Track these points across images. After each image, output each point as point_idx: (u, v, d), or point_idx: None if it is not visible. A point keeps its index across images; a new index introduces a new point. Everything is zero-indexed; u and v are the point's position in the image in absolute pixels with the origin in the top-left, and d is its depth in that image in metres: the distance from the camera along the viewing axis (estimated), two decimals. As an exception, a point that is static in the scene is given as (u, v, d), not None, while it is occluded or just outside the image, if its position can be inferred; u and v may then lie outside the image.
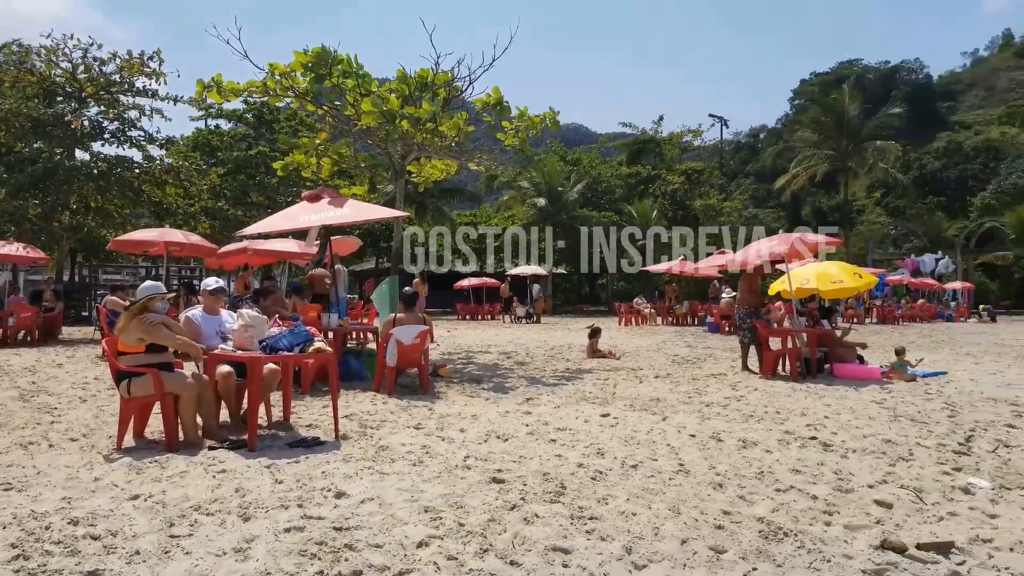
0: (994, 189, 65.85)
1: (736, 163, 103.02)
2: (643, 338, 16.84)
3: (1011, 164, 69.32)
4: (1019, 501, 5.22)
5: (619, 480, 4.91)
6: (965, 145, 79.22)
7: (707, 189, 46.62)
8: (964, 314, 33.31)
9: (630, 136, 53.73)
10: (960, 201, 70.93)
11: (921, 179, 73.52)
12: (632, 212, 39.42)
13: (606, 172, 47.13)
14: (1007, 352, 15.43)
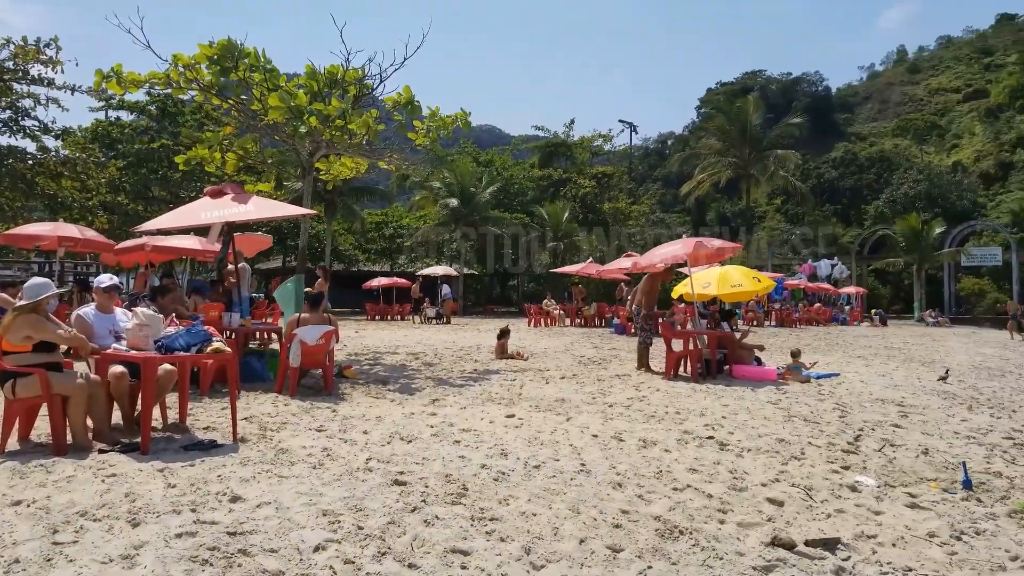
0: (887, 198, 69.80)
1: (645, 168, 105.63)
2: (551, 339, 17.04)
3: (902, 175, 73.70)
4: (903, 498, 5.54)
5: (521, 481, 4.96)
6: (860, 156, 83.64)
7: (616, 193, 47.57)
8: (857, 318, 35.16)
9: (543, 139, 54.33)
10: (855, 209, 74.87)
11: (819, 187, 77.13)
12: (543, 214, 39.84)
13: (518, 174, 47.47)
14: (896, 355, 16.37)
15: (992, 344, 22.33)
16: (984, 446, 7.76)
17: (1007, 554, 4.65)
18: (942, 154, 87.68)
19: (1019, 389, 12.79)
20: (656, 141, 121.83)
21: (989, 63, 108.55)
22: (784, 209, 78.35)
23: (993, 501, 5.80)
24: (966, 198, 69.62)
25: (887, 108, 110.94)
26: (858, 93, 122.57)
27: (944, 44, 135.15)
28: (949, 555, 4.48)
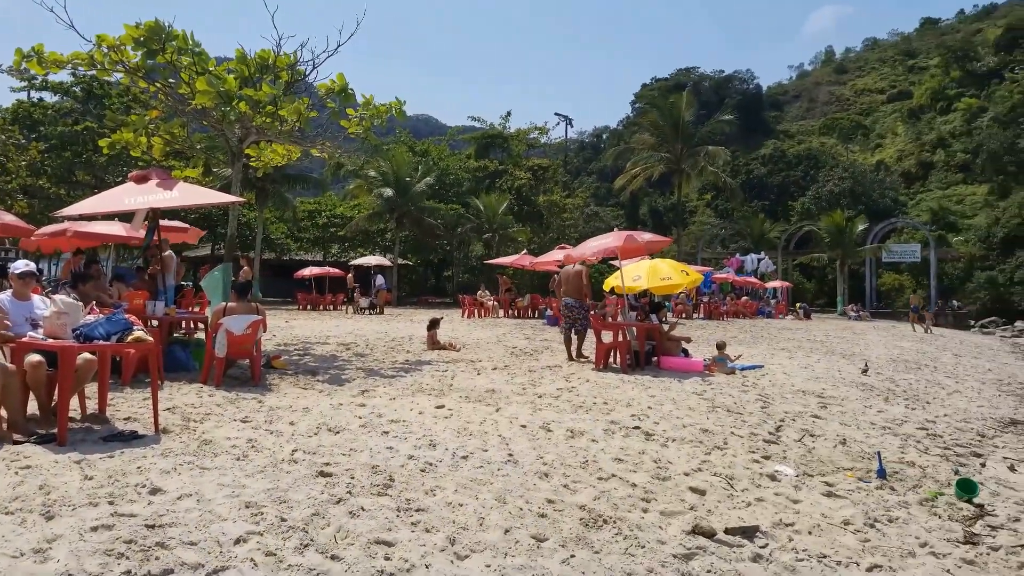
0: (812, 195, 72.24)
1: (580, 161, 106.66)
2: (485, 330, 17.07)
3: (828, 172, 76.30)
4: (819, 487, 5.75)
5: (448, 471, 4.96)
6: (789, 153, 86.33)
7: (552, 186, 47.85)
8: (782, 311, 36.27)
9: (479, 130, 54.20)
10: (782, 205, 77.28)
11: (748, 183, 79.33)
12: (479, 205, 39.79)
13: (454, 165, 47.27)
14: (818, 347, 16.95)
15: (910, 338, 23.38)
16: (899, 436, 8.11)
17: (916, 540, 4.88)
18: (866, 153, 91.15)
19: (934, 381, 13.44)
20: (592, 135, 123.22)
21: (912, 65, 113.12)
22: (714, 204, 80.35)
23: (906, 490, 6.07)
24: (888, 196, 72.64)
25: (815, 107, 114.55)
26: (787, 92, 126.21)
27: (870, 46, 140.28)
28: (862, 542, 4.68)
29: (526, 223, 42.59)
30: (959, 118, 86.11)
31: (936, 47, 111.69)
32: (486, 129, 53.32)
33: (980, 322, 49.23)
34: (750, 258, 44.79)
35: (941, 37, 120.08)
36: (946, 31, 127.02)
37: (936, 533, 5.10)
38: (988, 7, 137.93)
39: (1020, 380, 16.10)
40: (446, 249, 45.20)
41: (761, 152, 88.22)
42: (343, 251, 42.69)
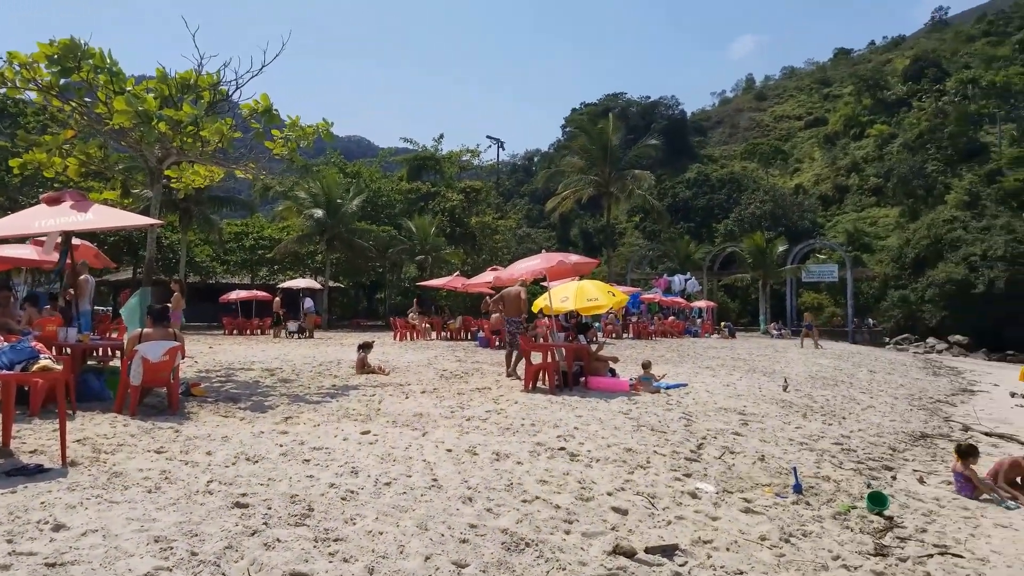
0: (735, 217, 74.53)
1: (512, 184, 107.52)
2: (416, 353, 16.93)
3: (750, 196, 78.92)
4: (738, 503, 5.88)
5: (370, 499, 4.88)
6: (712, 177, 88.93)
7: (484, 208, 48.07)
8: (708, 330, 37.09)
9: (411, 152, 54.16)
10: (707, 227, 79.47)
11: (674, 206, 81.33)
12: (412, 227, 39.64)
13: (386, 186, 47.04)
14: (741, 366, 17.36)
15: (827, 355, 24.18)
16: (815, 452, 8.38)
17: (830, 554, 5.04)
18: (786, 177, 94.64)
19: (849, 397, 13.94)
20: (523, 158, 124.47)
21: (827, 93, 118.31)
22: (642, 226, 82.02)
23: (820, 504, 6.27)
24: (807, 218, 75.51)
25: (737, 132, 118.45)
26: (711, 117, 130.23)
27: (788, 74, 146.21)
28: (777, 557, 4.80)
29: (459, 245, 42.62)
30: (871, 144, 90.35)
31: (849, 76, 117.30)
32: (418, 151, 53.33)
33: (894, 339, 51.45)
34: (677, 279, 45.77)
35: (854, 67, 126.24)
36: (858, 61, 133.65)
37: (848, 546, 5.28)
38: (897, 39, 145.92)
39: (930, 395, 16.88)
40: (378, 271, 44.78)
41: (686, 176, 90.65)
42: (271, 274, 41.81)
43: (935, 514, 6.55)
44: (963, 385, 20.76)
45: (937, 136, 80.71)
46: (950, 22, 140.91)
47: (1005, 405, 16.50)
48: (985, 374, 25.81)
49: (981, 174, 71.29)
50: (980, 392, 19.09)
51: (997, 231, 58.50)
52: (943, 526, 6.17)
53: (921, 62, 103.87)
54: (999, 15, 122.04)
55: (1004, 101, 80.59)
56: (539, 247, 59.73)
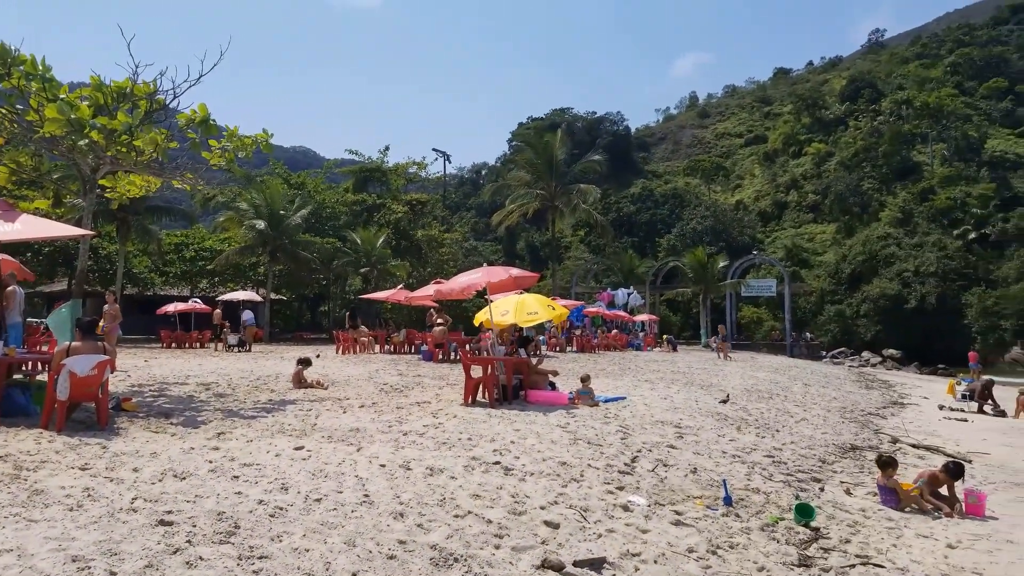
0: (678, 232, 75.98)
1: (459, 197, 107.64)
2: (357, 366, 16.76)
3: (692, 211, 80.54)
4: (669, 516, 5.97)
5: (299, 516, 4.83)
6: (656, 192, 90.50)
7: (430, 220, 47.95)
8: (650, 344, 37.58)
9: (357, 164, 53.70)
10: (650, 242, 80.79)
11: (619, 221, 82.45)
12: (357, 239, 39.27)
13: (331, 198, 46.54)
14: (679, 379, 17.63)
15: (765, 368, 24.75)
16: (747, 464, 8.57)
17: (755, 565, 5.15)
18: (727, 193, 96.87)
19: (783, 410, 14.29)
20: (471, 171, 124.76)
21: (768, 112, 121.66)
22: (587, 240, 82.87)
23: (749, 516, 6.41)
24: (747, 234, 77.37)
25: (680, 149, 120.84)
26: (655, 134, 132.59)
27: (729, 93, 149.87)
28: (704, 569, 4.90)
29: (404, 257, 42.37)
30: (809, 162, 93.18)
31: (788, 95, 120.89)
32: (364, 163, 52.88)
33: (831, 353, 52.96)
34: (620, 292, 46.31)
35: (793, 86, 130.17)
36: (797, 81, 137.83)
37: (773, 557, 5.41)
38: (834, 60, 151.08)
39: (862, 408, 17.42)
40: (322, 283, 44.21)
41: (630, 191, 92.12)
42: (212, 286, 40.90)
43: (860, 525, 6.76)
44: (894, 398, 21.47)
45: (872, 155, 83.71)
46: (886, 44, 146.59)
47: (933, 418, 17.13)
48: (916, 387, 26.74)
49: (914, 192, 74.15)
50: (910, 405, 19.77)
51: (929, 248, 60.87)
52: (867, 536, 6.37)
53: (857, 83, 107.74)
54: (932, 38, 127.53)
55: (936, 122, 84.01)
56: (486, 260, 59.88)
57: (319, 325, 47.85)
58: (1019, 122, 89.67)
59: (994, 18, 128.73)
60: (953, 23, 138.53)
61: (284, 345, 29.74)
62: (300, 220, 36.24)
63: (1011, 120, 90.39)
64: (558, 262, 59.53)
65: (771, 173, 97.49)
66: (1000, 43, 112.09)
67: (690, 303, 58.74)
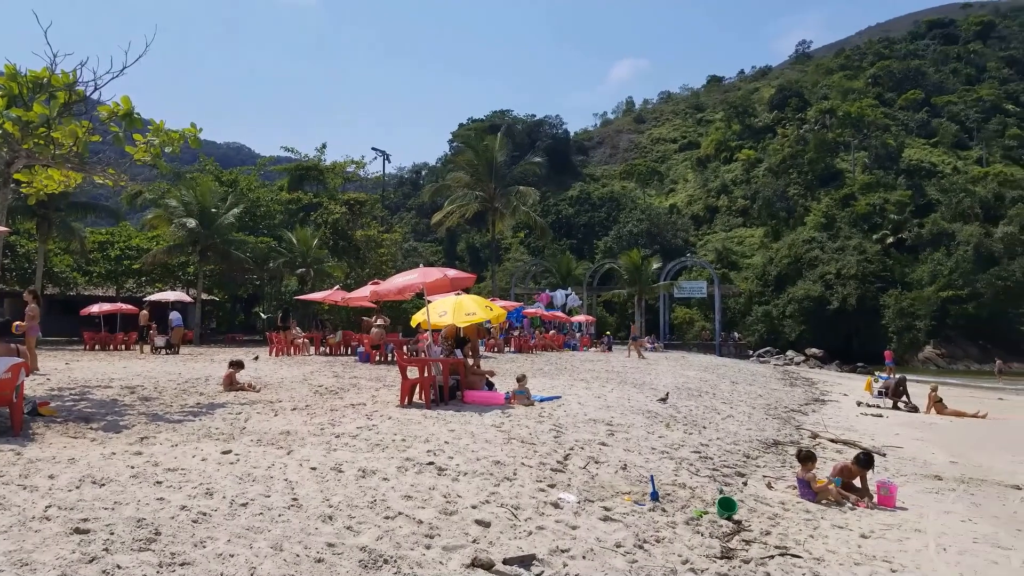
0: (614, 235, 77.11)
1: (399, 197, 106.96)
2: (291, 368, 16.48)
3: (628, 214, 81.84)
4: (598, 512, 6.05)
5: (223, 521, 4.74)
6: (593, 195, 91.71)
7: (369, 220, 47.44)
8: (587, 344, 38.03)
9: (293, 161, 52.68)
10: (588, 244, 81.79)
11: (557, 223, 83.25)
12: (292, 239, 38.56)
13: (266, 196, 45.55)
14: (613, 378, 17.90)
15: (695, 367, 25.32)
16: (675, 460, 8.75)
17: (679, 558, 5.28)
18: (661, 197, 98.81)
19: (711, 407, 14.65)
20: (411, 171, 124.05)
21: (701, 118, 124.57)
22: (527, 242, 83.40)
23: (675, 510, 6.56)
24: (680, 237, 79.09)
25: (617, 153, 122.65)
26: (593, 138, 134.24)
27: (665, 99, 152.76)
28: (630, 563, 4.99)
29: (342, 258, 41.78)
30: (739, 168, 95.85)
31: (721, 102, 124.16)
32: (301, 160, 51.89)
33: (757, 352, 54.52)
34: (559, 293, 46.74)
35: (725, 94, 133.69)
36: (729, 88, 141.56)
37: (697, 550, 5.54)
38: (764, 69, 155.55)
39: (785, 404, 17.98)
40: (256, 284, 43.25)
41: (569, 194, 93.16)
42: (139, 286, 39.55)
43: (780, 517, 6.97)
44: (816, 395, 22.23)
45: (798, 162, 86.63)
46: (812, 55, 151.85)
47: (851, 413, 17.80)
48: (836, 385, 27.74)
49: (836, 198, 77.05)
50: (830, 402, 20.50)
51: (850, 252, 63.28)
52: (786, 528, 6.58)
53: (785, 92, 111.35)
54: (855, 50, 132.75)
55: (857, 131, 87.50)
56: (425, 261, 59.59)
57: (252, 327, 46.79)
58: (934, 133, 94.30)
59: (912, 33, 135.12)
60: (875, 36, 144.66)
61: (215, 347, 28.99)
62: (233, 219, 35.37)
63: (926, 131, 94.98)
64: (498, 263, 59.67)
65: (703, 178, 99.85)
66: (917, 56, 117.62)
67: (626, 304, 59.64)
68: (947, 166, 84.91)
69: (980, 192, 70.52)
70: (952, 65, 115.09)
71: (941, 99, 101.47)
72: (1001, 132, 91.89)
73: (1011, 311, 55.60)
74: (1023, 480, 9.85)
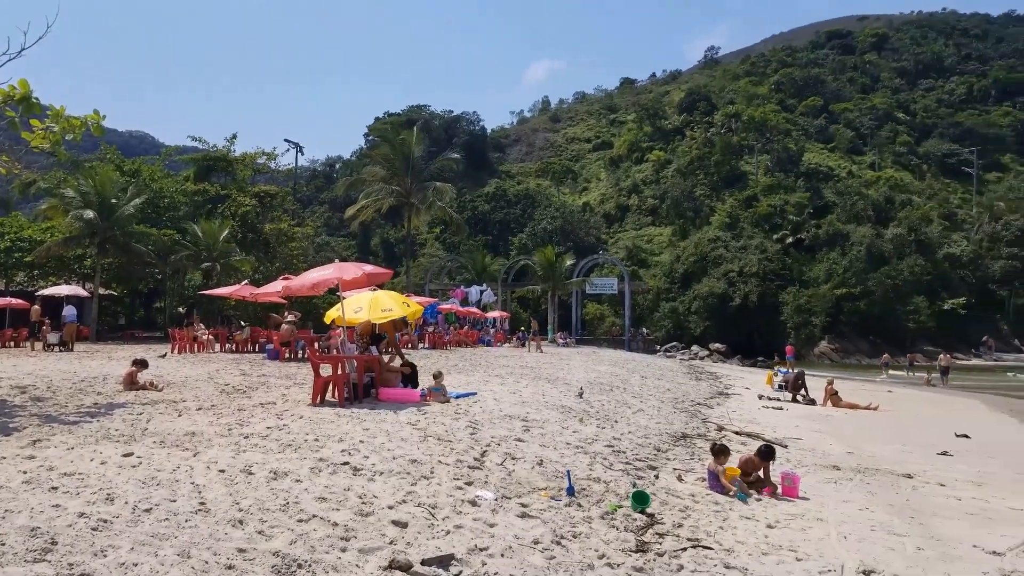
0: (529, 232, 77.67)
1: (312, 190, 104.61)
2: (195, 367, 15.89)
3: (542, 211, 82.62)
4: (516, 509, 6.07)
5: (126, 528, 4.54)
6: (509, 192, 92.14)
7: (279, 214, 46.17)
8: (501, 340, 38.19)
9: (200, 151, 50.68)
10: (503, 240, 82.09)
11: (473, 219, 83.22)
12: (198, 232, 37.11)
13: (170, 187, 43.67)
14: (528, 373, 18.03)
15: (606, 362, 25.81)
16: (589, 454, 8.89)
17: (596, 553, 5.35)
18: (575, 195, 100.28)
19: (622, 402, 14.97)
20: (324, 164, 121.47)
21: (614, 119, 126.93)
22: (443, 238, 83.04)
23: (591, 505, 6.65)
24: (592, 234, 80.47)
25: (532, 151, 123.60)
26: (509, 135, 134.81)
27: (580, 99, 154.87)
28: (548, 559, 5.02)
29: (251, 252, 40.53)
30: (650, 168, 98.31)
31: (633, 104, 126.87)
32: (208, 150, 49.93)
33: (664, 347, 56.08)
34: (474, 289, 46.78)
35: (637, 96, 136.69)
36: (641, 91, 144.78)
37: (613, 544, 5.63)
38: (674, 72, 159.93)
39: (692, 398, 18.55)
40: (158, 278, 41.46)
41: (485, 190, 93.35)
42: (30, 280, 37.28)
43: (690, 509, 7.17)
44: (720, 389, 23.03)
45: (705, 163, 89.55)
46: (720, 60, 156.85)
47: (754, 406, 18.54)
48: (739, 379, 28.81)
49: (740, 199, 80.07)
50: (734, 395, 21.29)
51: (752, 251, 65.83)
52: (697, 520, 6.77)
53: (694, 96, 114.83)
54: (759, 58, 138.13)
55: (761, 135, 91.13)
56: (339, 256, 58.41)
57: (154, 323, 44.87)
58: (831, 138, 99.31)
59: (812, 42, 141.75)
60: (778, 45, 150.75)
61: (113, 344, 27.64)
62: (134, 210, 33.75)
63: (824, 136, 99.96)
64: (413, 259, 59.16)
65: (615, 178, 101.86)
66: (817, 65, 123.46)
67: (539, 300, 60.18)
68: (843, 170, 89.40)
69: (872, 195, 74.63)
70: (849, 74, 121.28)
71: (838, 106, 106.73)
72: (892, 139, 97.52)
73: (899, 308, 59.03)
74: (913, 469, 10.49)
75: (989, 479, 10.11)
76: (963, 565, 5.93)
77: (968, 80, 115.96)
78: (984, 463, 11.54)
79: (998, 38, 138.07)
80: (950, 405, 22.14)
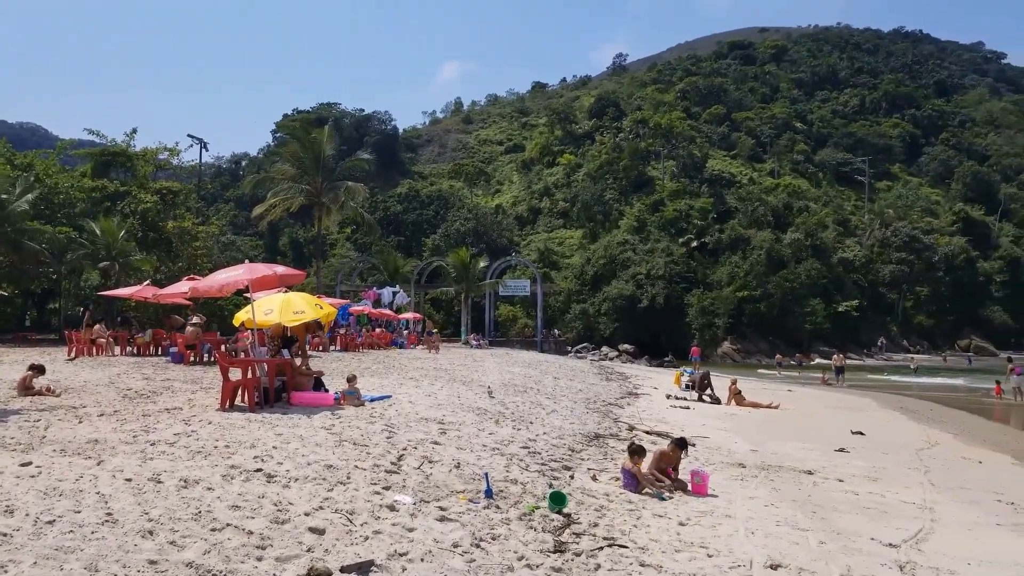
0: (442, 233, 77.43)
1: (216, 188, 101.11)
2: (95, 371, 15.15)
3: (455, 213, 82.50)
4: (435, 512, 6.08)
5: (27, 541, 4.34)
6: (422, 193, 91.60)
7: (182, 212, 44.48)
8: (414, 342, 37.94)
9: (98, 146, 48.21)
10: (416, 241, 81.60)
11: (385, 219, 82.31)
12: (96, 230, 35.33)
13: (65, 182, 41.41)
14: (443, 376, 18.02)
15: (519, 363, 26.04)
16: (505, 456, 8.99)
17: (515, 555, 5.42)
18: (488, 197, 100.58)
19: (536, 403, 15.16)
20: (230, 161, 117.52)
21: (526, 122, 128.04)
22: (354, 238, 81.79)
23: (509, 506, 6.73)
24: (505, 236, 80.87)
25: (445, 152, 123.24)
26: (421, 136, 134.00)
27: (492, 102, 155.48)
28: (468, 563, 5.06)
29: (152, 251, 38.88)
30: (561, 172, 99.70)
31: (544, 108, 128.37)
32: (107, 145, 47.55)
33: (575, 348, 56.98)
34: (386, 291, 46.30)
35: (548, 100, 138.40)
36: (552, 95, 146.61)
37: (532, 546, 5.71)
38: (584, 78, 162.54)
39: (604, 399, 18.96)
40: (52, 278, 39.26)
41: (397, 191, 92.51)
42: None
43: (605, 509, 7.33)
44: (630, 389, 23.58)
45: (614, 168, 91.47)
46: (628, 67, 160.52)
47: (662, 406, 19.08)
48: (647, 379, 29.54)
49: (648, 203, 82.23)
50: (643, 395, 21.84)
51: (659, 254, 67.70)
52: (612, 519, 6.93)
53: (603, 101, 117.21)
54: (666, 66, 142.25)
55: (667, 141, 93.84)
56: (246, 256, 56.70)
57: (48, 324, 42.46)
58: (733, 145, 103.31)
59: (716, 52, 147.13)
60: (683, 54, 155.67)
61: (3, 347, 26.01)
62: (26, 206, 31.90)
63: (727, 143, 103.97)
64: (323, 259, 58.04)
65: (527, 180, 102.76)
66: (720, 75, 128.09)
67: (452, 302, 60.10)
68: (744, 177, 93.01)
69: (772, 201, 77.95)
70: (750, 84, 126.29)
71: (740, 115, 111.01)
72: (790, 147, 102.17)
73: (796, 310, 61.86)
74: (813, 466, 11.04)
75: (883, 474, 10.73)
76: (862, 558, 6.28)
77: (861, 92, 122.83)
78: (878, 459, 12.21)
79: (888, 52, 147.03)
80: (846, 403, 23.35)
